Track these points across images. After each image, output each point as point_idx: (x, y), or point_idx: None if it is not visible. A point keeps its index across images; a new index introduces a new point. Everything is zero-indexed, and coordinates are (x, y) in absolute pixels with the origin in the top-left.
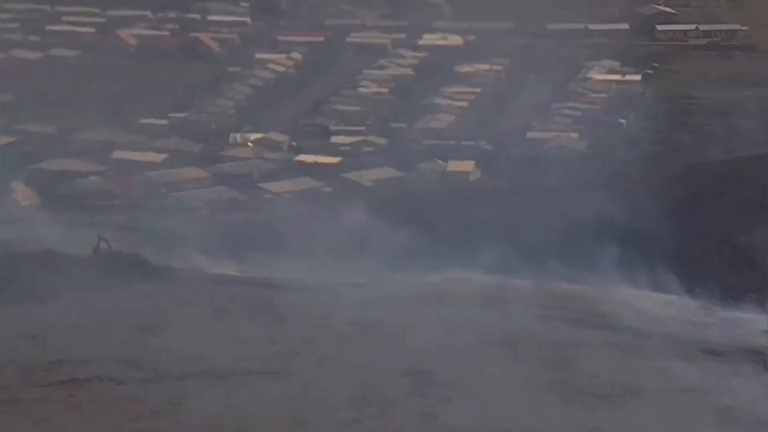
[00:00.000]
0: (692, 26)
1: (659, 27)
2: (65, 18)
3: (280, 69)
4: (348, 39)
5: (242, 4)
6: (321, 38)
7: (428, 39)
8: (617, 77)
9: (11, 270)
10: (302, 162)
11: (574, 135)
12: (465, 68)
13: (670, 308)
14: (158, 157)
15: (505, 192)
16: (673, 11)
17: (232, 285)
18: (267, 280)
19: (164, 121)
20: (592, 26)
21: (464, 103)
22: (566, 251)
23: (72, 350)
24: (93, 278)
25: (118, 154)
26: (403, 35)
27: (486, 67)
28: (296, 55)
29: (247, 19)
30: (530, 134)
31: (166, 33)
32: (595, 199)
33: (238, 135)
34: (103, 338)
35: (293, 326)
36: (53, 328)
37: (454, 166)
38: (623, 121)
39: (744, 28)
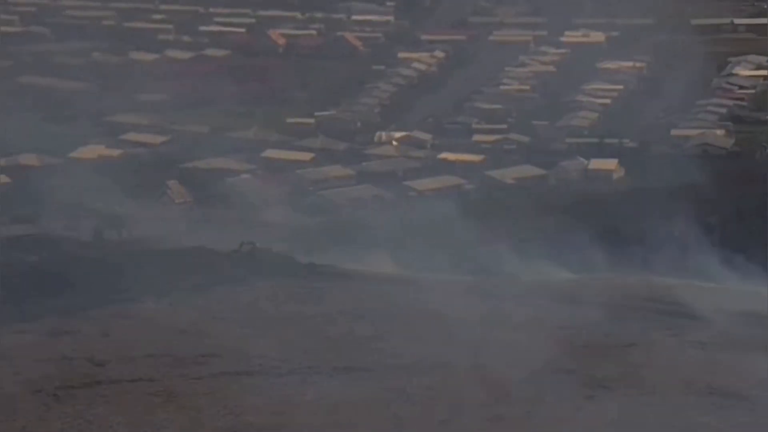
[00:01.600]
0: None
1: None
2: (216, 19)
3: (423, 67)
4: (490, 37)
5: (388, 2)
6: (463, 36)
7: (570, 36)
8: (764, 72)
9: (165, 266)
10: (445, 159)
11: (720, 132)
12: (607, 65)
13: None
14: (306, 156)
15: (647, 190)
16: None
17: (377, 283)
18: (407, 278)
19: (311, 120)
20: (737, 21)
21: (607, 101)
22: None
23: (220, 344)
24: (239, 275)
25: (267, 153)
26: (544, 32)
27: (629, 63)
28: (439, 54)
29: (391, 18)
30: (674, 131)
31: (313, 32)
32: (734, 198)
33: (383, 133)
34: (247, 332)
35: (428, 326)
36: (204, 322)
37: (596, 164)
38: None
39: None
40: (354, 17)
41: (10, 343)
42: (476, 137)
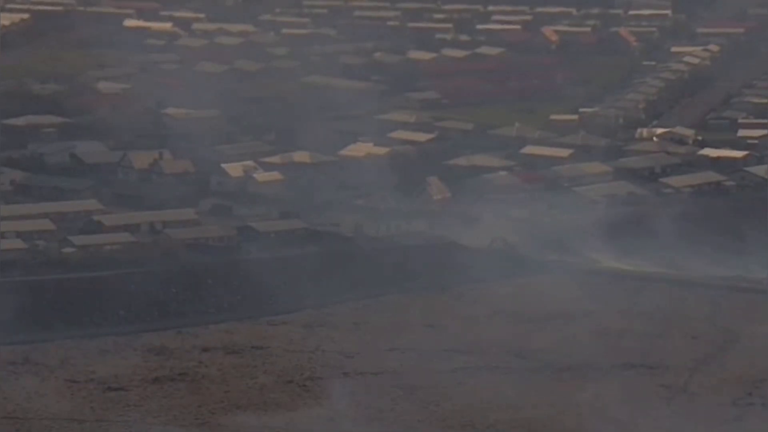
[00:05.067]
0: None
1: None
2: (494, 17)
3: (695, 61)
4: None
5: None
6: (741, 29)
7: None
8: None
9: (416, 261)
10: (706, 156)
11: None
12: None
13: None
14: (565, 152)
15: None
16: None
17: (626, 280)
18: (664, 275)
19: (574, 116)
20: None
21: None
22: None
23: (465, 339)
24: (487, 270)
25: (527, 149)
26: None
27: None
28: (713, 47)
29: (668, 12)
30: None
31: (587, 29)
32: None
33: (644, 129)
34: (493, 328)
35: (676, 325)
36: (450, 318)
37: None
38: None
39: None
40: (631, 12)
41: (267, 335)
42: (742, 132)
